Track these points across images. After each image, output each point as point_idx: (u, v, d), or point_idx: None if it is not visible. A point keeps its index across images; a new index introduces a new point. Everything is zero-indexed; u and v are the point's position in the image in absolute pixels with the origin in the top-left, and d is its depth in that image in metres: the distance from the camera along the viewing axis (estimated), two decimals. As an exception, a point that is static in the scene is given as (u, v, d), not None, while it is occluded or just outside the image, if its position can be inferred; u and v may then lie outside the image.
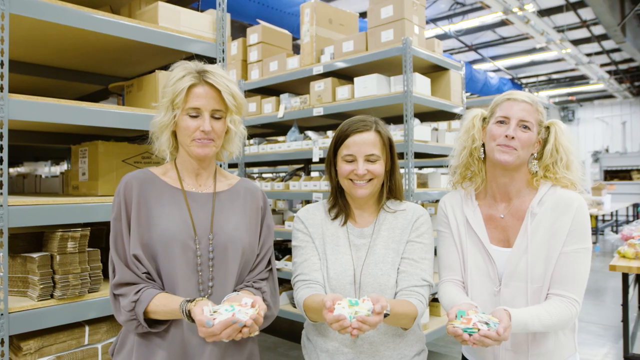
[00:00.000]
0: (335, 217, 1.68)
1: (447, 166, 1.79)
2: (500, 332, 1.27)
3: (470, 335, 1.28)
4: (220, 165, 2.36)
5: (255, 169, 7.65)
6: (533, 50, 12.91)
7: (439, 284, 1.71)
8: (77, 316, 1.98)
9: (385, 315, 1.32)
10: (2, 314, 1.76)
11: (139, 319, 1.31)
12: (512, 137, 1.52)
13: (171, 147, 1.47)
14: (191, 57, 1.55)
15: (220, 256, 1.42)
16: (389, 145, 1.62)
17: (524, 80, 16.93)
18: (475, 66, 13.89)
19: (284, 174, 5.89)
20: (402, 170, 3.42)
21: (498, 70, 15.28)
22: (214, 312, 1.20)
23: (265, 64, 4.64)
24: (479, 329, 1.28)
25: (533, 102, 1.57)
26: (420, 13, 3.81)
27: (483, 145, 1.65)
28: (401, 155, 3.44)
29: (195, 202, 1.46)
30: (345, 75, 4.18)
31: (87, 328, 2.04)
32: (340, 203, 1.68)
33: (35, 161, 5.16)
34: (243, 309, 1.21)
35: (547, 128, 1.62)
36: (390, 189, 1.68)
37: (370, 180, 1.58)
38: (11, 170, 6.01)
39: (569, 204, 1.53)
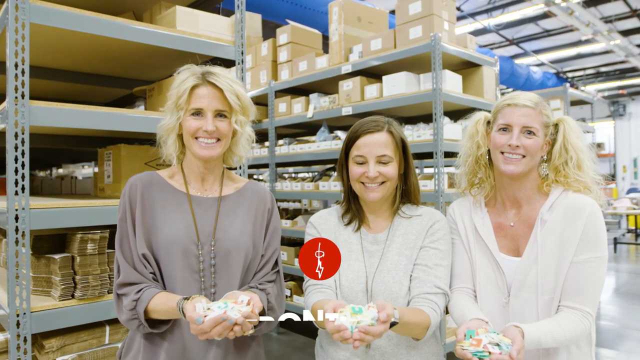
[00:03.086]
0: (349, 223, 1.62)
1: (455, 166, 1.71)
2: (514, 356, 1.17)
3: (480, 359, 1.18)
4: (240, 168, 2.36)
5: (290, 169, 7.69)
6: (579, 43, 12.33)
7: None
8: (97, 316, 2.03)
9: (393, 324, 1.26)
10: (25, 313, 1.82)
11: (140, 318, 1.30)
12: (517, 146, 1.43)
13: (178, 150, 1.48)
14: (212, 59, 1.53)
15: (223, 262, 1.40)
16: (402, 147, 1.55)
17: (570, 74, 16.19)
18: (518, 60, 13.41)
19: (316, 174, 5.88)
20: (431, 170, 3.33)
21: (542, 64, 14.70)
22: (208, 309, 1.17)
23: (295, 64, 4.63)
24: (490, 352, 1.18)
25: (536, 104, 1.46)
26: (450, 8, 3.69)
27: (489, 150, 1.56)
28: (430, 155, 3.35)
29: (199, 207, 1.44)
30: (373, 74, 4.11)
31: (107, 328, 2.09)
32: (353, 208, 1.62)
33: (73, 163, 5.37)
34: (237, 307, 1.18)
35: (556, 126, 1.51)
36: (406, 193, 1.61)
37: (382, 183, 1.52)
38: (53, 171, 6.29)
39: (580, 209, 1.42)
